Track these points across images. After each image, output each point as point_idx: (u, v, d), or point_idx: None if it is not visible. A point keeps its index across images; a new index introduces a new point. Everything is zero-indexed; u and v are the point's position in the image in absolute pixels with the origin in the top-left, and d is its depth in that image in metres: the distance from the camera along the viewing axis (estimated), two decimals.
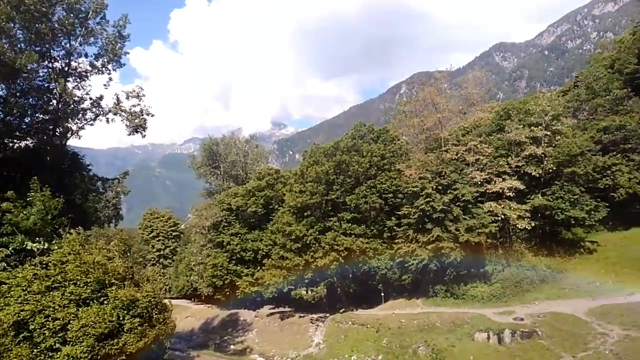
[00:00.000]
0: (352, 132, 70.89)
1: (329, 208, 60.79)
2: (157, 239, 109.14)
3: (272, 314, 66.26)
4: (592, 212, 54.04)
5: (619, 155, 59.44)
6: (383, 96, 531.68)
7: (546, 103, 58.46)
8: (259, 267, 67.66)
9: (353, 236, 57.38)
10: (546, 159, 55.43)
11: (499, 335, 42.51)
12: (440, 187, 52.67)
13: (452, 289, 52.48)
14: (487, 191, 54.29)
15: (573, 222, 53.87)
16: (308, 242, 58.15)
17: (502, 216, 52.44)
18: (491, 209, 52.76)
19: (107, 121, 40.91)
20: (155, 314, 25.50)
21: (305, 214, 60.06)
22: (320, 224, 59.39)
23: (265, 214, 71.13)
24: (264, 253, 67.57)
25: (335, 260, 56.07)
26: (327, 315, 59.03)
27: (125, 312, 23.67)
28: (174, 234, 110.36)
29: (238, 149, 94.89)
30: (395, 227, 56.91)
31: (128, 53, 41.93)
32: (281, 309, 68.07)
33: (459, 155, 56.50)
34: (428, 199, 51.77)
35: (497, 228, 52.32)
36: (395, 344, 45.66)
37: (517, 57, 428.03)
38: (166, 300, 28.20)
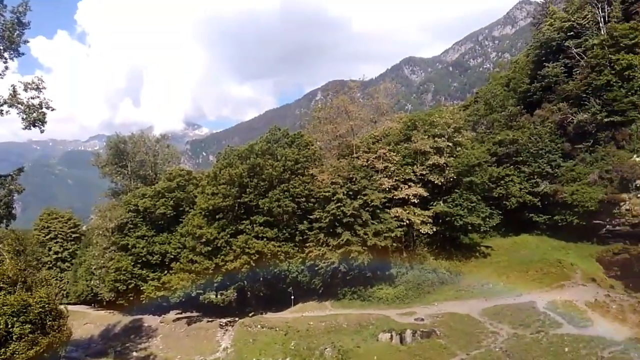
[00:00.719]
0: (267, 135, 70.99)
1: (242, 211, 60.38)
2: (55, 240, 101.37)
3: (178, 319, 64.32)
4: (487, 219, 58.54)
5: (512, 166, 64.63)
6: (299, 101, 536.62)
7: (449, 116, 62.50)
8: (166, 271, 65.47)
9: (265, 239, 57.44)
10: (448, 168, 59.14)
11: (401, 336, 44.65)
12: (351, 193, 54.35)
13: (359, 291, 54.29)
14: (394, 197, 56.89)
15: (470, 228, 57.91)
16: (219, 245, 57.36)
17: (407, 221, 55.19)
18: (397, 215, 55.29)
19: (1, 113, 37.74)
20: (49, 320, 24.01)
21: (217, 216, 59.21)
22: (232, 227, 58.80)
23: (175, 216, 69.06)
24: (172, 256, 65.55)
25: (247, 263, 55.81)
26: (237, 319, 58.46)
27: (15, 318, 22.02)
28: (74, 235, 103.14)
29: (148, 148, 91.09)
30: (307, 231, 57.77)
31: (28, 42, 39.00)
32: (189, 314, 66.27)
33: (369, 162, 58.67)
34: (339, 204, 53.25)
35: (402, 232, 54.87)
36: (303, 346, 46.34)
37: (424, 71, 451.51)
38: (62, 306, 26.62)
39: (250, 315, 58.93)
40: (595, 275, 50.48)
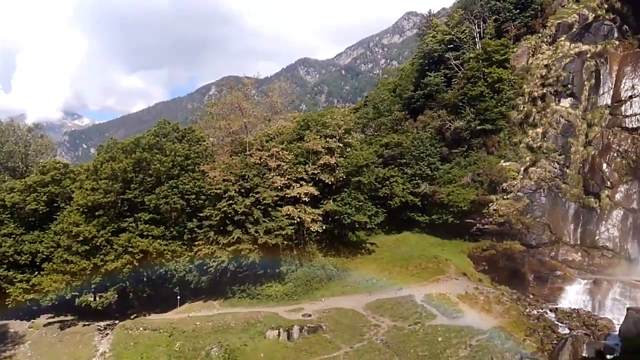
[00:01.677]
0: (156, 129, 67.84)
1: (126, 208, 57.14)
2: None
3: (50, 323, 59.08)
4: (373, 217, 61.34)
5: (396, 168, 68.33)
6: (192, 95, 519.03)
7: (340, 118, 64.58)
8: (37, 272, 59.76)
9: (150, 238, 54.87)
10: (338, 168, 61.00)
11: (288, 332, 45.26)
12: (243, 190, 53.91)
13: (248, 290, 54.03)
14: (286, 196, 57.42)
15: (357, 225, 60.33)
16: (98, 244, 53.76)
17: (298, 219, 56.00)
18: (289, 213, 55.87)
19: None
20: None
21: (97, 213, 55.40)
22: (114, 224, 55.42)
23: (48, 212, 63.16)
24: (44, 256, 59.93)
25: (129, 263, 52.96)
26: (117, 322, 55.16)
27: None
28: None
29: (18, 137, 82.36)
30: (196, 229, 56.24)
31: None
32: (62, 318, 61.07)
33: (262, 160, 58.57)
34: (230, 202, 52.59)
35: (293, 230, 55.59)
36: (189, 347, 45.08)
37: (319, 73, 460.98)
38: None
39: (132, 317, 55.92)
40: (466, 270, 55.27)
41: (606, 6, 66.34)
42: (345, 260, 60.23)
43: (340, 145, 62.37)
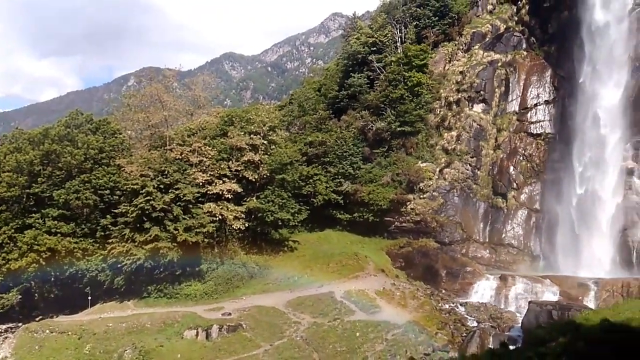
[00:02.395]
0: (67, 119, 63.79)
1: (32, 203, 53.35)
2: None
3: None
4: (296, 215, 61.66)
5: (320, 166, 69.14)
6: (108, 85, 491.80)
7: (265, 115, 64.26)
8: None
9: (59, 235, 51.57)
10: (262, 165, 60.69)
11: (207, 331, 44.33)
12: (162, 186, 52.03)
13: (166, 289, 52.23)
14: (208, 192, 56.18)
15: (280, 223, 60.31)
16: (0, 241, 49.81)
17: (220, 217, 55.03)
18: (210, 210, 54.74)
19: None
20: None
21: (0, 208, 51.30)
22: (18, 220, 51.58)
23: None
24: None
25: (35, 262, 49.47)
26: (20, 325, 51.32)
27: None
28: None
29: None
30: (110, 226, 53.54)
31: None
32: None
33: (183, 156, 56.92)
34: (148, 198, 50.56)
35: (214, 228, 54.52)
36: (100, 350, 42.80)
37: (244, 68, 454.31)
38: None
39: (37, 319, 52.21)
40: (384, 267, 57.04)
41: (516, 18, 70.93)
42: (268, 258, 60.06)
43: (265, 142, 62.06)
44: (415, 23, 76.04)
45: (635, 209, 52.19)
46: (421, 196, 62.51)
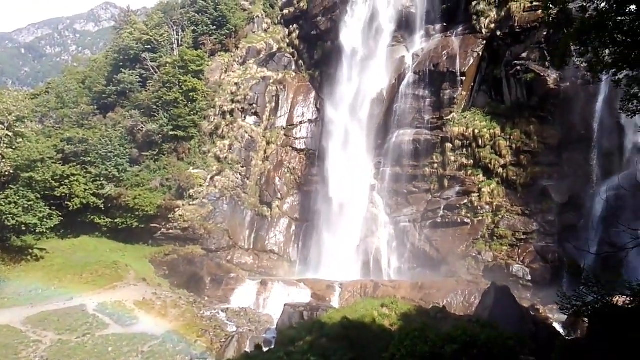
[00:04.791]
0: None
1: None
2: None
3: None
4: (45, 219, 54.16)
5: (79, 166, 62.40)
6: None
7: (12, 102, 55.70)
8: None
9: None
10: (4, 160, 52.06)
11: None
12: None
13: None
14: None
15: (24, 228, 52.32)
16: None
17: None
18: None
19: None
20: None
21: None
22: None
23: None
24: None
25: None
26: None
27: None
28: None
29: None
30: None
31: None
32: None
33: None
34: None
35: None
36: None
37: None
38: None
39: None
40: (146, 275, 54.32)
41: (288, 41, 76.25)
42: (5, 269, 51.39)
43: (10, 134, 53.64)
44: (193, 28, 75.13)
45: (374, 220, 60.77)
46: (191, 202, 61.81)
